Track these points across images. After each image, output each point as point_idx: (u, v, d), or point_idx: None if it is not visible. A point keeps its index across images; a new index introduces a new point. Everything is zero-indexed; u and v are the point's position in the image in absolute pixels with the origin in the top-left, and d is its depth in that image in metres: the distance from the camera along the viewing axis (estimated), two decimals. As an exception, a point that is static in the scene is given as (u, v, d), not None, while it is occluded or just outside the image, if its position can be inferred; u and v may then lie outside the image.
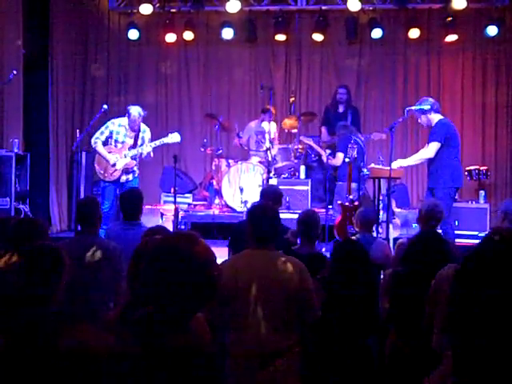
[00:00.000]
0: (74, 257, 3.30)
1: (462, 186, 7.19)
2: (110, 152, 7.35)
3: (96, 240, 4.03)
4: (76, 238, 4.09)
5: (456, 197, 7.57)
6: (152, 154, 7.51)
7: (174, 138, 7.46)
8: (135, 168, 7.47)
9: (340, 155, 7.91)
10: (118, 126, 7.35)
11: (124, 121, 7.35)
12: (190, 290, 1.89)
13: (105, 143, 7.40)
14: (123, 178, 7.36)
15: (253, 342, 3.10)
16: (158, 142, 7.41)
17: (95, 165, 7.49)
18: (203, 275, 1.92)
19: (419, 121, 6.82)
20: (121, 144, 7.34)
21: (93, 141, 7.36)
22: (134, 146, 7.35)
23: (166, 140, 7.44)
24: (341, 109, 8.94)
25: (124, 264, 3.95)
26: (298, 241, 4.39)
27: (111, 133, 7.35)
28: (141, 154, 7.33)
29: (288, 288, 3.15)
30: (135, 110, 7.28)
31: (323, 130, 9.13)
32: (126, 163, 7.31)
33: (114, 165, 7.28)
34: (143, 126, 7.46)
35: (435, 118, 6.63)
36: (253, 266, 3.19)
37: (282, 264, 3.22)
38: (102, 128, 7.38)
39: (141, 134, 7.40)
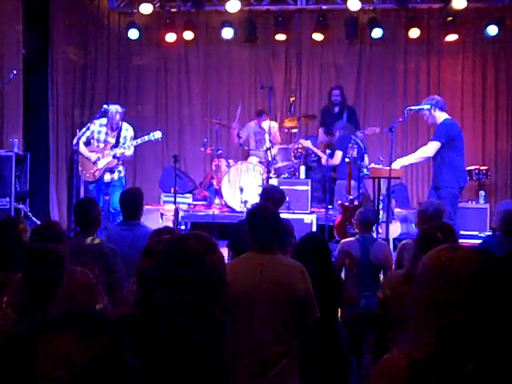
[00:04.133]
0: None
1: (466, 186, 7.20)
2: (92, 151, 7.36)
3: (93, 242, 4.02)
4: (73, 239, 4.08)
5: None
6: (132, 154, 7.51)
7: (155, 135, 7.42)
8: (120, 168, 7.47)
9: (339, 153, 7.93)
10: (99, 126, 7.36)
11: (105, 120, 7.36)
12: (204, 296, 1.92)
13: (87, 144, 7.40)
14: (107, 178, 7.36)
15: (254, 347, 3.07)
16: (139, 140, 7.39)
17: (79, 166, 7.49)
18: (219, 284, 1.96)
19: (424, 117, 6.79)
20: (103, 143, 7.36)
21: (74, 141, 7.33)
22: (117, 145, 7.35)
23: (147, 138, 7.41)
24: (336, 109, 9.02)
25: (122, 265, 3.95)
26: None
27: (92, 133, 7.36)
28: (122, 153, 7.32)
29: (289, 291, 3.12)
30: (113, 108, 7.29)
31: (320, 130, 9.23)
32: (107, 162, 7.31)
33: (95, 162, 7.28)
34: (125, 125, 7.47)
35: (440, 116, 6.58)
36: (254, 269, 3.14)
37: (282, 267, 3.19)
38: (84, 129, 7.34)
39: (123, 133, 7.40)
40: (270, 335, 3.08)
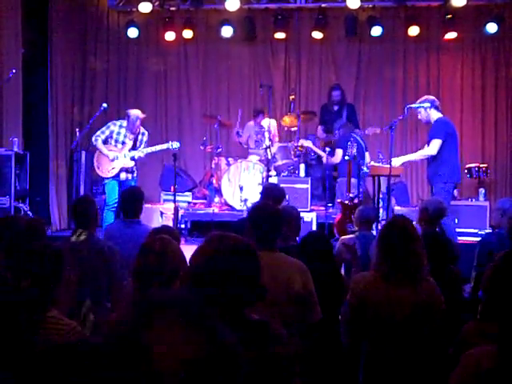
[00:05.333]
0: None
1: (460, 182, 7.23)
2: (110, 150, 7.46)
3: (92, 240, 4.01)
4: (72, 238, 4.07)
5: (455, 194, 7.59)
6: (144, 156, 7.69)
7: (173, 145, 7.67)
8: (134, 168, 7.61)
9: (339, 152, 7.94)
10: (118, 127, 7.50)
11: (125, 123, 7.50)
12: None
13: (105, 142, 7.51)
14: (123, 176, 7.45)
15: None
16: (158, 147, 7.59)
17: (94, 161, 7.61)
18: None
19: (419, 116, 6.85)
20: (121, 144, 7.47)
21: (93, 138, 7.51)
22: (134, 147, 7.48)
23: (165, 146, 7.64)
24: (336, 108, 9.03)
25: (122, 263, 3.95)
26: None
27: (111, 133, 7.49)
28: (139, 156, 7.48)
29: (290, 290, 3.10)
30: (134, 113, 7.43)
31: (319, 128, 9.22)
32: (124, 163, 7.40)
33: (113, 159, 7.38)
34: (142, 129, 7.61)
35: (434, 115, 6.69)
36: None
37: (284, 265, 3.17)
38: (103, 128, 7.53)
39: (140, 137, 7.54)
40: None
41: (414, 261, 3.12)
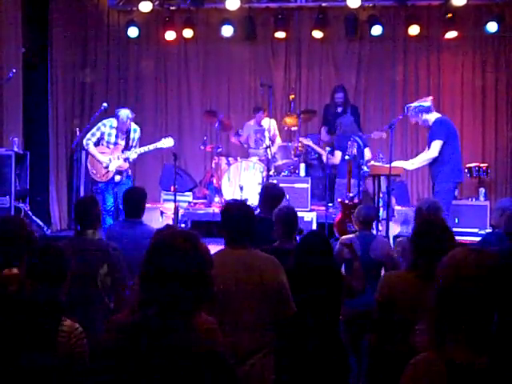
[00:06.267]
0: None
1: (463, 181, 7.21)
2: (102, 153, 7.40)
3: (95, 240, 4.00)
4: (74, 238, 4.06)
5: (456, 194, 7.58)
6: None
7: (166, 142, 7.51)
8: (128, 169, 7.55)
9: (338, 154, 7.93)
10: (109, 128, 7.38)
11: (115, 123, 7.38)
12: (189, 289, 1.91)
13: (96, 144, 7.43)
14: (117, 178, 7.40)
15: (228, 341, 3.04)
16: (151, 147, 7.47)
17: (88, 165, 7.54)
18: (203, 274, 1.94)
19: (413, 120, 6.80)
20: (113, 145, 7.40)
21: (84, 142, 7.37)
22: (126, 146, 7.41)
23: (159, 145, 7.51)
24: (339, 109, 9.01)
25: (125, 264, 3.95)
26: None
27: (102, 134, 7.39)
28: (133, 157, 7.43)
29: (262, 285, 3.15)
30: (124, 113, 7.30)
31: (323, 129, 9.18)
32: (119, 165, 7.35)
33: (106, 167, 7.32)
34: (133, 126, 7.50)
35: (432, 117, 6.66)
36: (227, 265, 3.15)
37: (256, 262, 3.21)
38: (93, 129, 7.39)
39: (131, 135, 7.45)
40: (245, 330, 3.11)
41: None
